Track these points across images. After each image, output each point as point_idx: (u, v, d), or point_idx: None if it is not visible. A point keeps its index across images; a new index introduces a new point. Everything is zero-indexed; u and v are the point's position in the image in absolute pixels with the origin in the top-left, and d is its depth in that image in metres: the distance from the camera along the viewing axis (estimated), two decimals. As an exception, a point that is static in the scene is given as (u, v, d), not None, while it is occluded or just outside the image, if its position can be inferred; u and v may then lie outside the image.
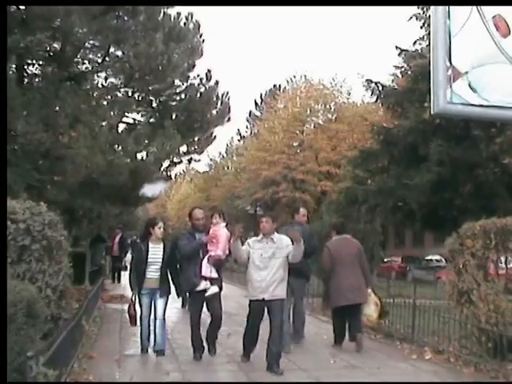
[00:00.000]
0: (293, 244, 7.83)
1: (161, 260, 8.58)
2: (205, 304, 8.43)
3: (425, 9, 20.84)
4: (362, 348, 9.25)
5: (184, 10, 17.17)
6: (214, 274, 8.27)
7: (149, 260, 8.52)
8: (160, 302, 8.65)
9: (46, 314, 6.29)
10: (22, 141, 12.78)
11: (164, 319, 8.73)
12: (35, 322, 5.60)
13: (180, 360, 8.50)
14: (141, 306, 8.69)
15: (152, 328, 8.72)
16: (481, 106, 6.90)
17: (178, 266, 8.81)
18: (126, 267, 20.95)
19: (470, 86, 7.05)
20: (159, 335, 8.67)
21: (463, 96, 6.86)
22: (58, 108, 13.75)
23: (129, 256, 17.46)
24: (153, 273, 8.57)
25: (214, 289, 8.25)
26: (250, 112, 59.05)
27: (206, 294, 8.18)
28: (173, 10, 16.53)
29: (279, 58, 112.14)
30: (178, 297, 9.58)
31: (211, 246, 8.27)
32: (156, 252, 8.62)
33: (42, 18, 13.06)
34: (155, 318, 8.66)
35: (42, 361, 5.38)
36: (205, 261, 8.25)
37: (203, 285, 8.19)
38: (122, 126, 17.23)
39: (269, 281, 7.74)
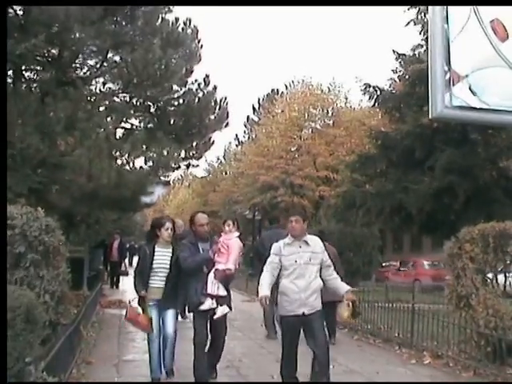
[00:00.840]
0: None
1: (168, 266, 7.29)
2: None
3: (422, 14, 20.87)
4: (335, 341, 10.53)
5: (182, 15, 17.22)
6: (222, 292, 7.04)
7: (154, 266, 7.25)
8: (169, 316, 7.38)
9: (44, 319, 6.26)
10: (20, 146, 12.75)
11: (175, 334, 7.43)
12: (34, 327, 5.58)
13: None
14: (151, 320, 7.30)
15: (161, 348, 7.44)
16: (480, 109, 6.90)
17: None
18: (127, 272, 21.01)
19: (470, 88, 7.05)
20: (169, 353, 7.42)
21: (464, 99, 6.87)
22: (54, 114, 13.72)
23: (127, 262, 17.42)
24: (158, 281, 7.28)
25: (223, 309, 7.07)
26: (248, 117, 59.07)
27: (216, 317, 7.02)
28: (171, 15, 16.56)
29: (277, 63, 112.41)
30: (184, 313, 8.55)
31: (219, 257, 7.04)
32: (163, 257, 7.33)
33: (40, 24, 13.05)
34: (164, 337, 7.38)
35: (40, 366, 5.37)
36: (211, 276, 7.00)
37: (209, 304, 6.97)
38: (119, 132, 17.24)
39: (308, 291, 6.52)
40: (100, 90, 16.68)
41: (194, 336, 7.11)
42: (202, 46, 17.84)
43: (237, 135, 60.40)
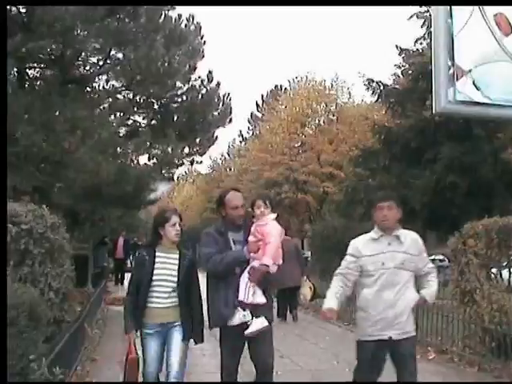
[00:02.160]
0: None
1: (176, 278, 5.26)
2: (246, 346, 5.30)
3: (426, 7, 20.79)
4: (297, 319, 13.03)
5: (185, 11, 17.20)
6: (260, 298, 5.10)
7: (155, 278, 5.21)
8: (177, 347, 5.26)
9: (48, 316, 6.28)
10: (24, 143, 12.78)
11: (183, 373, 5.30)
12: (37, 324, 5.59)
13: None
14: (143, 353, 5.32)
15: None
16: (483, 104, 6.90)
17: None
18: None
19: (473, 83, 7.05)
20: None
21: (467, 93, 6.87)
22: (58, 112, 13.75)
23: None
24: (162, 299, 5.25)
25: (260, 322, 5.08)
26: (252, 113, 59.01)
27: (248, 332, 5.03)
28: (174, 12, 16.57)
29: (280, 59, 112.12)
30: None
31: (255, 252, 5.14)
32: (167, 265, 5.32)
33: (43, 22, 13.06)
34: (168, 374, 5.26)
35: (45, 364, 5.38)
36: (244, 277, 5.08)
37: (240, 317, 5.05)
38: (123, 129, 17.26)
39: (398, 307, 4.87)
40: (103, 87, 16.72)
41: (222, 366, 5.35)
42: (204, 42, 17.87)
43: (241, 131, 60.39)
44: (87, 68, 16.47)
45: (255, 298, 5.06)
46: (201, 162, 19.90)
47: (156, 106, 17.84)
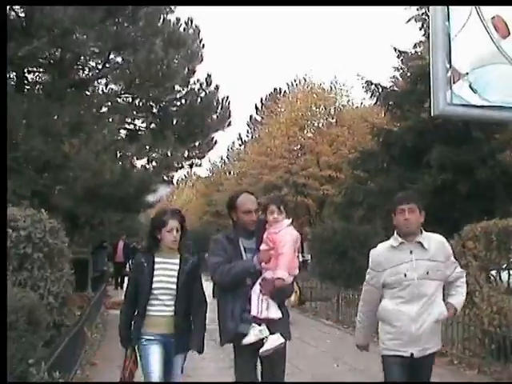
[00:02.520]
0: None
1: (175, 286, 4.87)
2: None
3: (424, 9, 20.83)
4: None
5: (183, 15, 17.24)
6: (275, 313, 4.61)
7: (155, 285, 4.84)
8: (177, 364, 4.96)
9: (47, 320, 6.29)
10: (24, 147, 12.79)
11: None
12: (36, 328, 5.60)
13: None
14: (143, 364, 4.87)
15: None
16: (481, 106, 6.90)
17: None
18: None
19: (470, 86, 7.05)
20: None
21: (464, 97, 6.86)
22: (58, 116, 13.77)
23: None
24: (163, 307, 4.87)
25: (275, 340, 4.60)
26: (251, 116, 59.06)
27: (262, 351, 4.57)
28: (172, 16, 16.61)
29: (279, 62, 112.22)
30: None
31: (267, 261, 4.65)
32: (167, 271, 4.92)
33: (42, 26, 13.08)
34: None
35: (44, 368, 5.38)
36: (255, 289, 4.62)
37: (255, 333, 4.56)
38: (122, 133, 17.28)
39: (423, 322, 4.39)
40: (102, 91, 16.73)
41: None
42: (203, 45, 17.91)
43: (240, 135, 60.44)
44: (86, 72, 16.50)
45: (269, 313, 4.56)
46: (200, 165, 19.91)
47: (155, 110, 17.86)
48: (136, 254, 5.97)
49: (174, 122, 17.87)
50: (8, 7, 13.00)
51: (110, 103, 16.42)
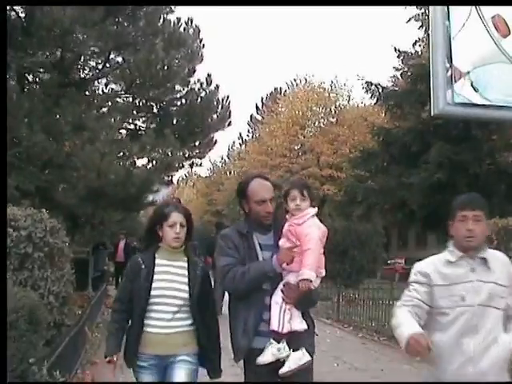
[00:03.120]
0: None
1: (185, 293, 3.98)
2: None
3: (424, 9, 20.86)
4: None
5: (184, 15, 17.26)
6: (299, 324, 3.77)
7: (154, 293, 3.94)
8: (180, 375, 3.98)
9: (48, 320, 6.29)
10: (25, 146, 12.81)
11: None
12: (37, 328, 5.60)
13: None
14: None
15: None
16: (482, 105, 6.90)
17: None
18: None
19: (472, 85, 7.05)
20: None
21: (465, 95, 6.86)
22: (59, 116, 13.78)
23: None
24: (163, 321, 3.94)
25: (299, 357, 3.74)
26: (251, 116, 59.11)
27: (283, 371, 3.69)
28: (173, 16, 16.62)
29: (280, 62, 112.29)
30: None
31: (289, 262, 3.76)
32: (171, 276, 4.03)
33: (43, 26, 13.09)
34: None
35: (45, 367, 5.39)
36: (276, 297, 3.76)
37: (273, 352, 3.70)
38: (123, 132, 17.29)
39: (485, 361, 3.27)
40: (103, 91, 16.75)
41: None
42: (203, 45, 17.90)
43: (240, 134, 60.53)
44: (87, 71, 16.51)
45: (293, 325, 3.68)
46: (200, 164, 19.92)
47: (155, 110, 17.87)
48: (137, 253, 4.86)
49: (175, 122, 17.87)
50: (8, 7, 13.01)
51: (110, 103, 16.43)
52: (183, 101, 17.93)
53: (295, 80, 42.93)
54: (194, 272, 4.05)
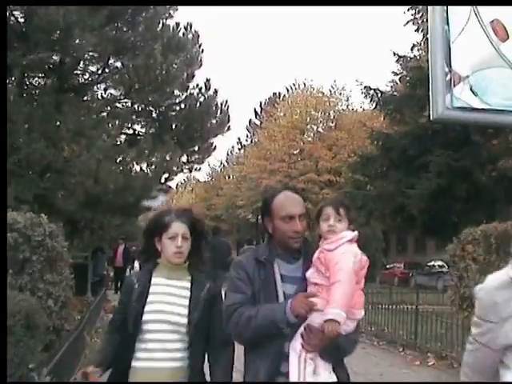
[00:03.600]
0: None
1: (183, 320, 3.19)
2: None
3: (422, 13, 20.92)
4: None
5: (183, 20, 17.30)
6: (326, 378, 2.91)
7: (147, 317, 3.20)
8: None
9: (46, 324, 6.27)
10: (25, 152, 12.81)
11: None
12: (35, 332, 5.58)
13: None
14: None
15: None
16: (481, 110, 6.90)
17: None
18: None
19: (471, 89, 7.04)
20: None
21: (464, 99, 6.85)
22: (58, 121, 13.79)
23: (136, 266, 17.28)
24: (158, 353, 3.18)
25: None
26: (250, 120, 59.13)
27: None
28: (172, 21, 16.66)
29: (279, 66, 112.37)
30: None
31: (304, 312, 2.90)
32: (170, 297, 3.27)
33: (42, 31, 13.10)
34: None
35: (44, 372, 5.37)
36: (295, 344, 2.93)
37: None
38: (122, 137, 17.29)
39: None
40: (102, 95, 16.76)
41: None
42: (202, 50, 17.95)
43: (239, 139, 60.53)
44: (86, 77, 16.52)
45: (318, 378, 2.86)
46: (199, 169, 19.92)
47: (154, 115, 17.87)
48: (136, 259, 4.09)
49: (174, 127, 17.89)
50: (8, 12, 13.03)
51: (109, 108, 16.44)
52: (182, 106, 17.95)
53: (294, 85, 43.04)
54: (197, 293, 3.23)
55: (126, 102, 17.04)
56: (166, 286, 3.28)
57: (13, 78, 14.27)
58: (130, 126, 17.71)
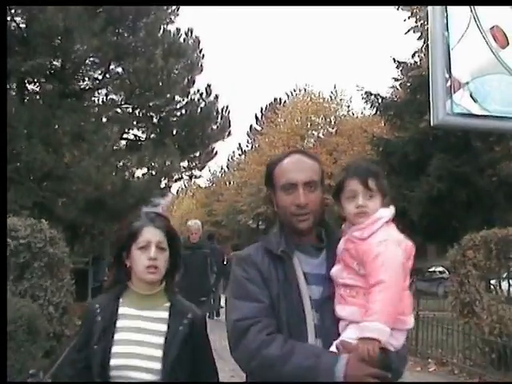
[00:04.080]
0: None
1: (157, 365, 2.42)
2: None
3: (423, 20, 20.96)
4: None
5: (183, 25, 17.35)
6: None
7: (115, 362, 2.41)
8: None
9: (47, 330, 6.27)
10: (25, 159, 12.82)
11: None
12: (36, 338, 5.59)
13: None
14: None
15: None
16: (481, 116, 6.91)
17: None
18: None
19: (471, 96, 7.05)
20: None
21: (464, 106, 6.87)
22: (58, 126, 13.80)
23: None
24: None
25: None
26: (251, 126, 59.15)
27: None
28: (172, 26, 16.70)
29: (279, 72, 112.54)
30: None
31: (344, 298, 2.23)
32: (138, 337, 2.46)
33: (43, 36, 13.13)
34: None
35: (45, 378, 5.38)
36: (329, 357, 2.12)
37: None
38: (122, 143, 17.30)
39: None
40: (102, 101, 16.77)
41: None
42: (203, 56, 17.97)
43: (240, 144, 60.53)
44: (86, 82, 16.54)
45: None
46: (200, 176, 19.92)
47: (155, 120, 17.88)
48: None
49: (174, 132, 17.89)
50: (10, 18, 13.07)
51: (110, 113, 16.46)
52: (183, 111, 17.96)
53: (295, 90, 43.06)
54: (175, 327, 2.46)
55: (126, 108, 17.05)
56: (138, 318, 2.47)
57: (13, 84, 14.30)
58: (130, 131, 17.73)
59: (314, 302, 2.24)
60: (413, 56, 23.14)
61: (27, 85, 15.50)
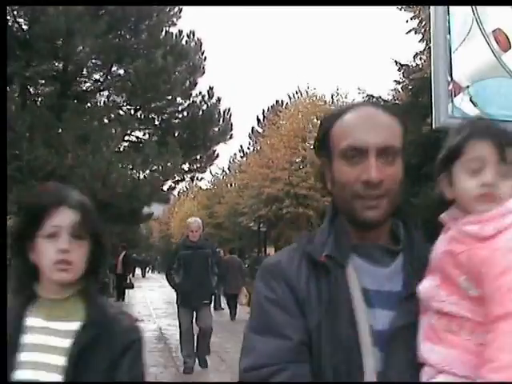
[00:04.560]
0: None
1: None
2: None
3: (424, 22, 20.96)
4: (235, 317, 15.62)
5: (186, 27, 17.34)
6: None
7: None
8: None
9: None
10: (27, 158, 12.82)
11: None
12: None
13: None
14: None
15: None
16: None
17: None
18: (132, 285, 21.43)
19: (471, 99, 7.04)
20: None
21: (464, 110, 6.85)
22: (60, 128, 13.81)
23: (138, 273, 17.21)
24: None
25: None
26: (253, 128, 59.11)
27: None
28: (174, 29, 16.73)
29: (281, 74, 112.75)
30: None
31: (437, 329, 1.36)
32: (42, 357, 1.71)
33: (45, 39, 13.15)
34: None
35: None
36: None
37: None
38: (124, 145, 17.32)
39: None
40: (104, 103, 16.78)
41: None
42: (205, 58, 17.98)
43: (241, 147, 60.47)
44: (89, 84, 16.56)
45: None
46: (201, 178, 19.95)
47: (157, 122, 17.90)
48: (139, 263, 2.67)
49: (176, 135, 17.90)
50: (12, 20, 13.09)
51: (112, 115, 16.47)
52: (185, 113, 17.98)
53: (296, 93, 43.02)
54: (81, 344, 1.75)
55: (128, 109, 17.08)
56: (44, 332, 1.79)
57: (15, 87, 14.30)
58: (132, 133, 17.73)
59: (378, 336, 1.43)
60: (414, 58, 23.13)
61: (29, 87, 15.52)
